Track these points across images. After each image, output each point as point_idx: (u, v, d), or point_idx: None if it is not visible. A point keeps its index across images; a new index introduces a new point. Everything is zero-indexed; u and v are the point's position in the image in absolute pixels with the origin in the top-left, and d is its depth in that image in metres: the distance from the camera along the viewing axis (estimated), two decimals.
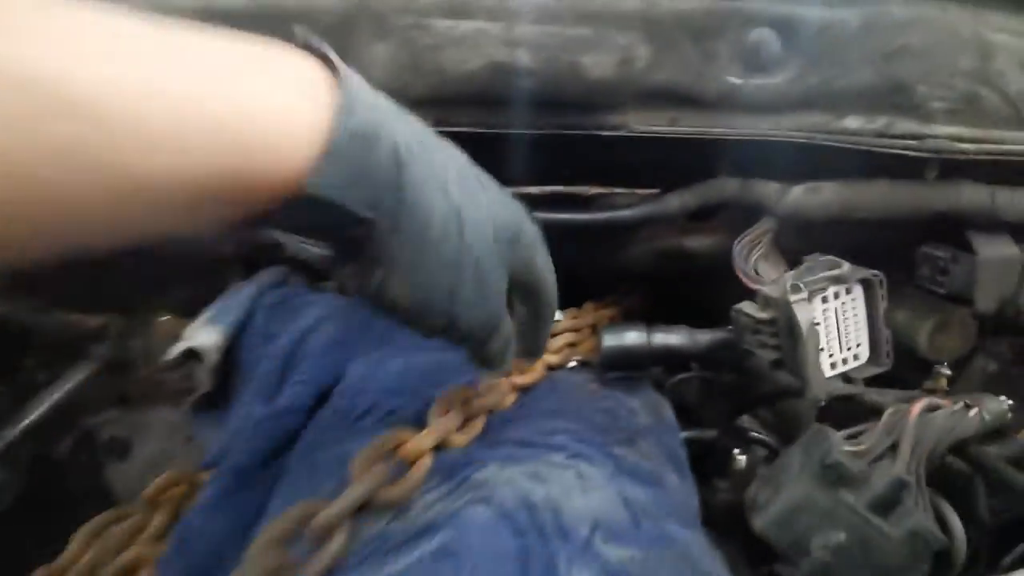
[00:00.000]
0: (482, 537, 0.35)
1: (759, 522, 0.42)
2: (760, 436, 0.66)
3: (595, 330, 0.72)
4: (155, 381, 1.00)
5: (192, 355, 0.66)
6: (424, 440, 0.44)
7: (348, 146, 0.26)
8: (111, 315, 0.91)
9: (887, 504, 0.39)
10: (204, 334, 0.66)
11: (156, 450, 1.13)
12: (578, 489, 0.41)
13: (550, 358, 0.63)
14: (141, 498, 0.49)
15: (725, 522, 0.59)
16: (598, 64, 0.54)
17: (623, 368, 0.62)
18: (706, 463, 0.71)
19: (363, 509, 0.39)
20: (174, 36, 0.24)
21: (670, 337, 0.60)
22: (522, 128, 0.58)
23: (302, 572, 0.35)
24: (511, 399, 0.55)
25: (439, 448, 0.45)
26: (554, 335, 0.66)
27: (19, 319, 0.81)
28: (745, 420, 0.77)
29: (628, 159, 0.61)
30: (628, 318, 0.79)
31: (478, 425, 0.49)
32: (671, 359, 0.62)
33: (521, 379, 0.57)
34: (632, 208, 0.63)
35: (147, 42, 0.23)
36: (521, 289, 0.39)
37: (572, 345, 0.67)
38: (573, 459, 0.44)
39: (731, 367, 0.70)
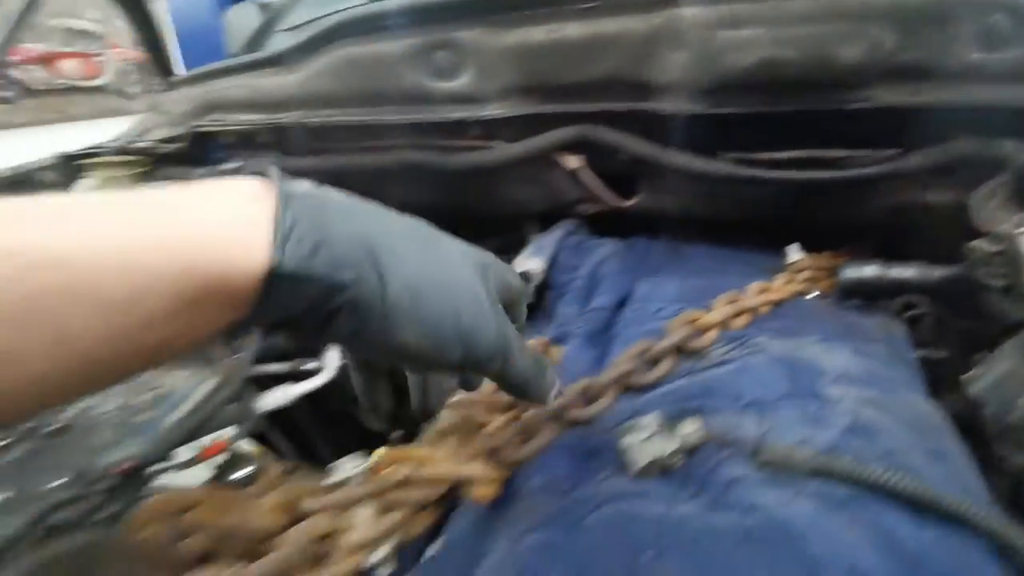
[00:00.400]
0: (761, 364, 0.56)
1: (973, 388, 0.57)
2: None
3: (832, 272, 0.88)
4: None
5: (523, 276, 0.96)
6: (710, 316, 0.66)
7: (298, 225, 0.28)
8: None
9: None
10: (531, 262, 0.96)
11: None
12: (828, 355, 0.59)
13: (794, 286, 0.80)
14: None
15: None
16: (850, 53, 0.70)
17: (861, 297, 0.77)
18: (936, 385, 0.83)
19: (678, 352, 0.62)
20: (116, 198, 0.26)
21: (906, 271, 0.74)
22: (782, 107, 0.76)
23: (646, 378, 0.60)
24: (767, 308, 0.74)
25: (722, 327, 0.67)
26: (800, 270, 0.83)
27: None
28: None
29: (872, 127, 0.76)
30: None
31: (746, 318, 0.70)
32: (906, 289, 0.75)
33: (774, 295, 0.76)
34: (877, 166, 0.77)
35: (92, 208, 0.25)
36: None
37: (813, 280, 0.84)
38: (822, 342, 0.63)
39: (962, 307, 0.80)
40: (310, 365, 1.23)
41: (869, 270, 0.75)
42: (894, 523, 0.36)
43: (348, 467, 0.44)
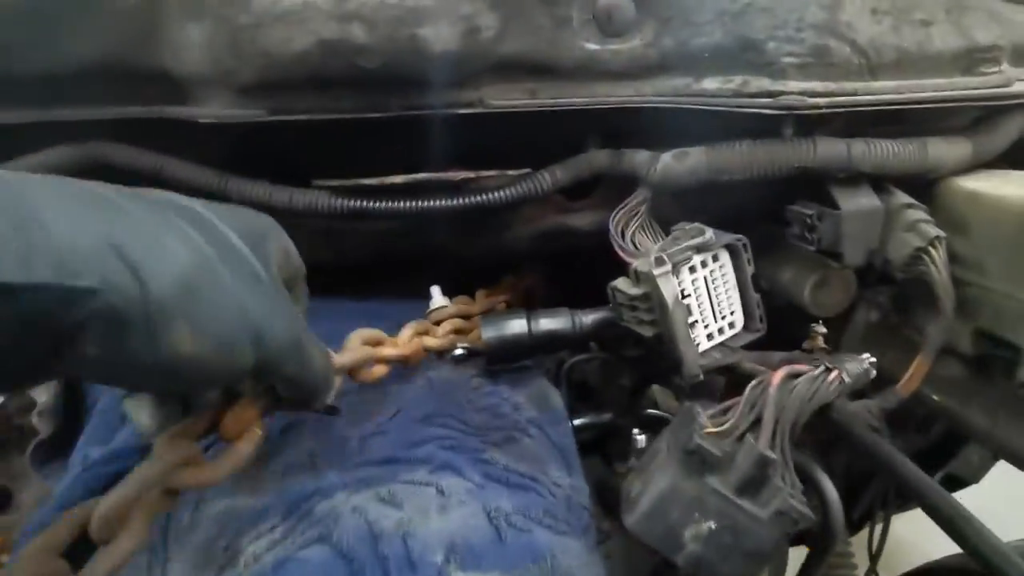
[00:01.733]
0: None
1: (630, 520, 0.40)
2: (656, 413, 0.65)
3: (480, 314, 0.69)
4: (11, 426, 0.89)
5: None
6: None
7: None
8: None
9: (754, 483, 0.37)
10: None
11: (39, 494, 1.03)
12: (436, 509, 0.37)
13: (430, 340, 0.59)
14: None
15: None
16: (440, 36, 0.50)
17: (508, 358, 0.59)
18: (611, 445, 0.70)
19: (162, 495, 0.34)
20: None
21: (552, 322, 0.58)
22: (369, 112, 0.53)
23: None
24: (379, 371, 0.51)
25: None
26: (440, 321, 0.62)
27: None
28: (657, 391, 0.76)
29: (492, 138, 0.58)
30: (525, 303, 0.76)
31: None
32: (556, 345, 0.59)
33: (389, 351, 0.53)
34: (504, 189, 0.59)
35: None
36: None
37: (459, 332, 0.64)
38: (436, 472, 0.41)
39: (634, 343, 0.68)
40: None
41: (512, 326, 0.57)
42: None
43: None
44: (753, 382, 0.43)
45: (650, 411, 0.65)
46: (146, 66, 0.51)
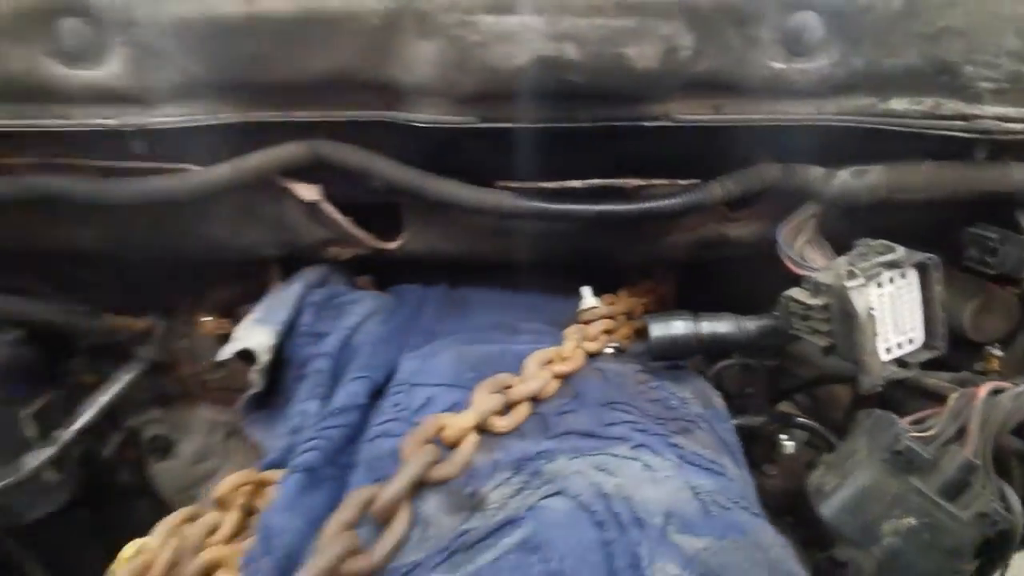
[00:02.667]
0: (564, 529, 0.36)
1: (827, 510, 0.43)
2: (807, 422, 0.66)
3: (630, 317, 0.73)
4: (196, 380, 1.01)
5: (244, 355, 0.67)
6: (463, 420, 0.45)
7: None
8: (155, 317, 0.93)
9: (957, 488, 0.39)
10: (256, 334, 0.67)
11: (198, 447, 1.15)
12: (647, 480, 0.41)
13: (589, 345, 0.63)
14: (212, 498, 0.50)
15: (776, 507, 0.60)
16: (643, 55, 0.54)
17: (670, 357, 0.63)
18: (753, 450, 0.72)
19: (420, 488, 0.40)
20: None
21: (718, 325, 0.61)
22: (569, 122, 0.58)
23: (371, 553, 0.36)
24: (553, 386, 0.55)
25: (483, 431, 0.46)
26: (590, 321, 0.67)
27: (67, 323, 0.83)
28: (783, 406, 0.77)
29: (670, 149, 0.62)
30: (662, 305, 0.79)
31: (522, 411, 0.50)
32: (718, 347, 0.62)
33: (562, 367, 0.57)
34: (674, 198, 0.63)
35: None
36: None
37: (608, 332, 0.68)
38: (637, 450, 0.45)
39: (773, 353, 0.70)
40: None
41: (679, 326, 0.60)
42: None
43: None
44: (956, 394, 0.44)
45: (799, 419, 0.67)
46: (376, 77, 0.58)
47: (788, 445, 0.64)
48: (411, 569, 0.36)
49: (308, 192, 0.67)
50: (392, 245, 0.72)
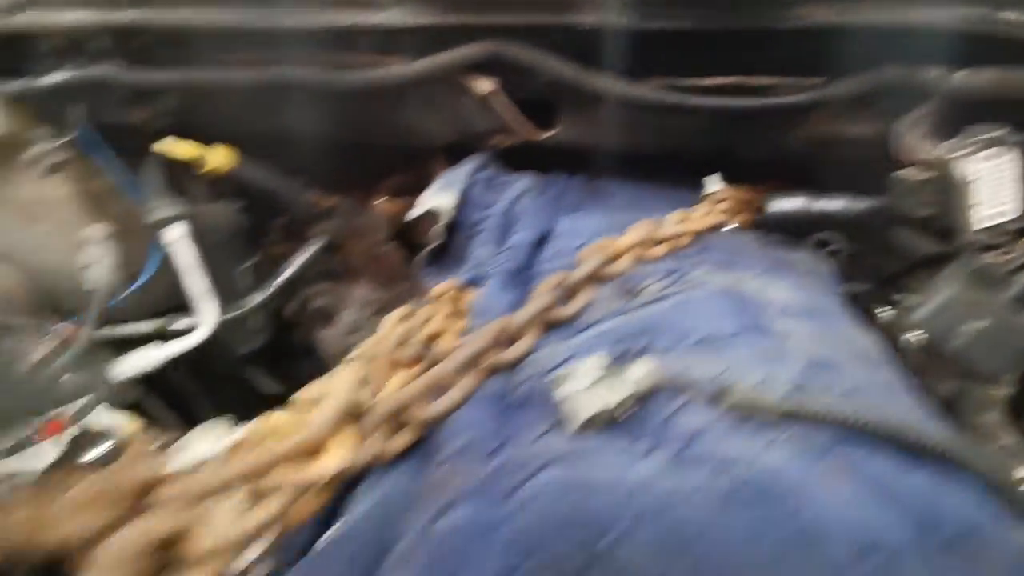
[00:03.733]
0: (706, 298, 0.50)
1: (916, 317, 0.54)
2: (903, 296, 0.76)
3: (749, 206, 0.84)
4: (366, 255, 1.23)
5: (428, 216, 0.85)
6: (624, 241, 0.59)
7: None
8: (340, 198, 1.14)
9: None
10: (439, 199, 0.85)
11: (353, 320, 1.38)
12: (769, 288, 0.55)
13: (713, 217, 0.76)
14: (428, 297, 0.68)
15: None
16: None
17: (784, 231, 0.74)
18: None
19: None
20: None
21: (830, 203, 0.71)
22: (714, 24, 0.69)
23: (567, 308, 0.52)
24: (686, 240, 0.69)
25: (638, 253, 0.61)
26: (719, 201, 0.79)
27: (286, 194, 1.04)
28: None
29: (800, 50, 0.71)
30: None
31: (664, 247, 0.64)
32: (830, 224, 0.73)
33: (694, 224, 0.70)
34: (802, 93, 0.73)
35: None
36: None
37: (730, 212, 0.80)
38: (760, 276, 0.58)
39: (878, 242, 0.79)
40: (182, 323, 1.06)
41: (795, 202, 0.72)
42: (880, 470, 0.31)
43: (203, 443, 0.33)
44: None
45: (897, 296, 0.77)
46: None
47: (885, 314, 0.74)
48: (592, 323, 0.52)
49: (484, 85, 0.82)
50: (547, 135, 0.87)
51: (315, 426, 0.36)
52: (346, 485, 0.39)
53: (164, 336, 1.04)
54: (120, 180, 0.95)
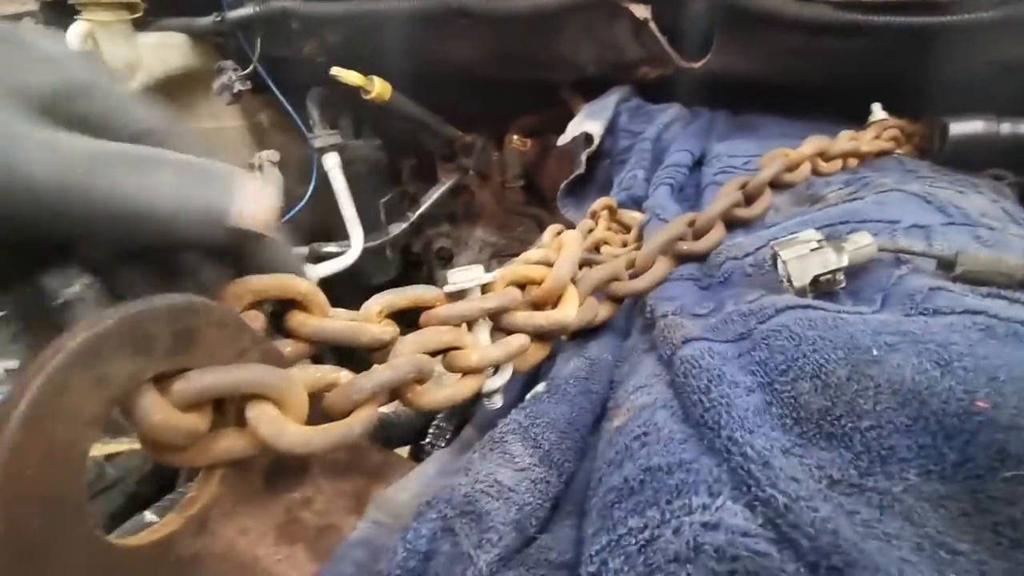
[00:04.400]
0: (904, 198, 0.49)
1: None
2: None
3: (914, 137, 0.80)
4: (499, 191, 1.27)
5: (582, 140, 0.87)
6: (802, 152, 0.59)
7: None
8: (477, 134, 1.18)
9: None
10: (588, 125, 0.86)
11: (470, 262, 1.44)
12: (963, 198, 0.53)
13: (881, 143, 0.73)
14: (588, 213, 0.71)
15: None
16: None
17: (965, 158, 0.70)
18: None
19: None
20: None
21: (1020, 126, 0.67)
22: None
23: (751, 212, 0.53)
24: (856, 161, 0.67)
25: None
26: (886, 128, 0.76)
27: (432, 126, 1.10)
28: None
29: None
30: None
31: (837, 163, 0.63)
32: (1018, 151, 0.68)
33: (866, 146, 0.68)
34: (993, 10, 0.68)
35: None
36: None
37: (896, 141, 0.76)
38: (950, 187, 0.56)
39: None
40: (331, 247, 1.15)
41: (979, 125, 0.68)
42: None
43: (464, 276, 0.37)
44: None
45: None
46: None
47: None
48: (777, 223, 0.52)
49: (641, 11, 0.83)
50: (697, 64, 0.86)
51: (556, 277, 0.40)
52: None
53: (315, 258, 1.13)
54: (286, 110, 1.04)
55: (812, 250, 0.38)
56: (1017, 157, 0.70)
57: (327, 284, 1.16)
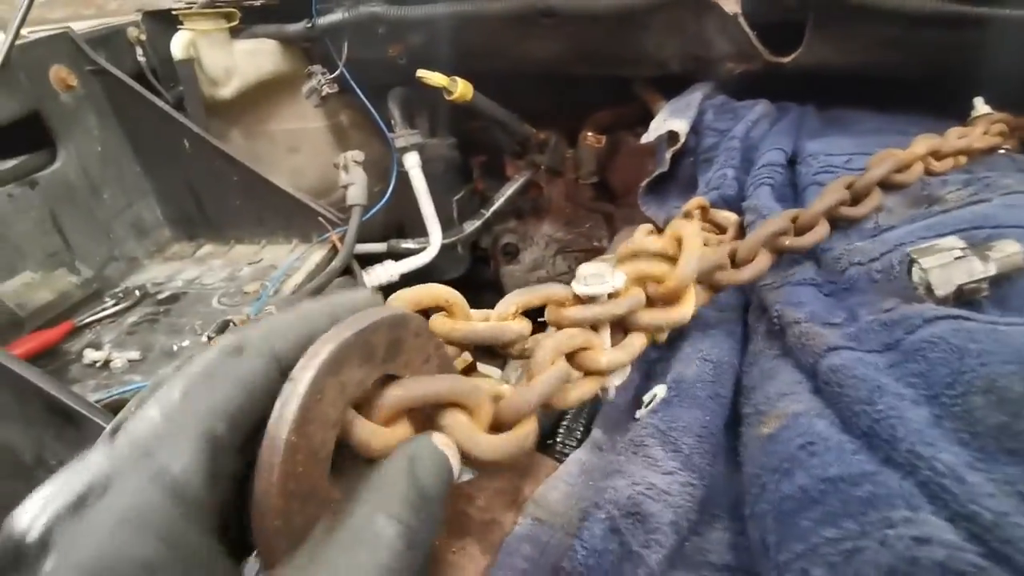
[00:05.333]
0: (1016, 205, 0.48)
1: None
2: None
3: (1015, 131, 0.76)
4: (573, 187, 1.28)
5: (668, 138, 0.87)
6: (911, 152, 0.57)
7: None
8: (551, 131, 1.19)
9: None
10: (673, 123, 0.86)
11: (536, 257, 1.45)
12: None
13: (990, 139, 0.70)
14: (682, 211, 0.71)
15: None
16: None
17: None
18: None
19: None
20: None
21: None
22: None
23: (856, 211, 0.52)
24: (965, 159, 0.64)
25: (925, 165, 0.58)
26: (994, 122, 0.73)
27: (509, 124, 1.11)
28: None
29: None
30: None
31: (949, 162, 0.61)
32: None
33: (978, 143, 0.66)
34: None
35: None
36: None
37: (1002, 135, 0.73)
38: None
39: None
40: (409, 244, 1.18)
41: None
42: None
43: (595, 277, 0.38)
44: None
45: None
46: None
47: None
48: (890, 227, 0.51)
49: (731, 5, 0.82)
50: (787, 59, 0.85)
51: (681, 277, 0.41)
52: None
53: (395, 255, 1.17)
54: (368, 111, 1.07)
55: (956, 258, 0.38)
56: None
57: (407, 279, 1.21)
